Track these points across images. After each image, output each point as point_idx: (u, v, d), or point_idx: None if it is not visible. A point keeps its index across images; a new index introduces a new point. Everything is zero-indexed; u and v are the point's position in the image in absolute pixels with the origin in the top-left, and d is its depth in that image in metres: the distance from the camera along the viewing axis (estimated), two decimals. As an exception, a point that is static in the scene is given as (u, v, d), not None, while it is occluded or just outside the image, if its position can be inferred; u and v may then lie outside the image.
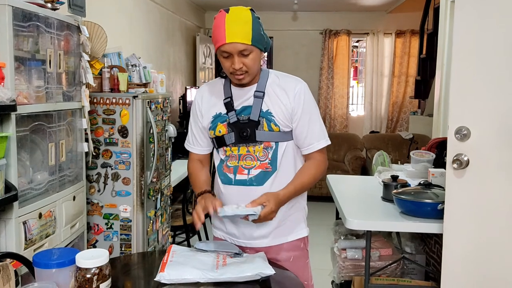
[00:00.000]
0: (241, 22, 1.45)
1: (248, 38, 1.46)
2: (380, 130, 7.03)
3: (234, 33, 1.44)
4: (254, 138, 1.56)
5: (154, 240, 2.94)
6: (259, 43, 1.49)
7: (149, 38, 4.51)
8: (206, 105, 1.66)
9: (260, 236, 1.59)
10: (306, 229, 1.69)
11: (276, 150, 1.58)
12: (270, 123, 1.55)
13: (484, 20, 1.78)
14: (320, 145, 1.61)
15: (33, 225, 1.87)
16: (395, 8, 6.30)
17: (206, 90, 1.68)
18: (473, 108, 1.82)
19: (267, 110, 1.56)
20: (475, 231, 1.85)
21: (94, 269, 1.10)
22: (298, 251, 1.65)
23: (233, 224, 1.62)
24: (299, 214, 1.67)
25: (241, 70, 1.50)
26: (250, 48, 1.47)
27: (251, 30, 1.46)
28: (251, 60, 1.49)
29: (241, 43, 1.45)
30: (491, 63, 1.79)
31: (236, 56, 1.47)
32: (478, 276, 1.86)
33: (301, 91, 1.57)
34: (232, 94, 1.60)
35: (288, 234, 1.63)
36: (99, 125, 2.68)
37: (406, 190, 2.16)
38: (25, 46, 1.86)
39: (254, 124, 1.55)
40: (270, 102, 1.57)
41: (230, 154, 1.60)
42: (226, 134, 1.59)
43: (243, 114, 1.58)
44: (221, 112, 1.61)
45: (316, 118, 1.61)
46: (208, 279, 1.29)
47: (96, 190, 2.72)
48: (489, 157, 1.80)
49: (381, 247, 2.77)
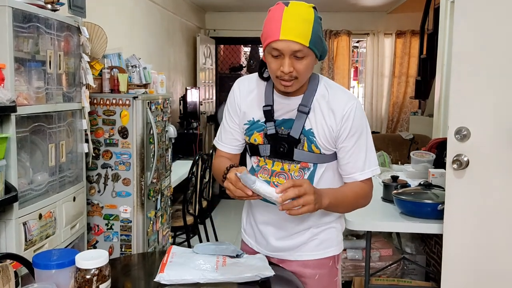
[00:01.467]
0: (300, 19, 1.25)
1: (307, 39, 1.25)
2: (381, 131, 7.02)
3: (291, 30, 1.23)
4: (291, 156, 1.39)
5: (155, 240, 2.94)
6: (316, 47, 1.28)
7: (149, 39, 4.51)
8: (244, 104, 1.46)
9: (287, 248, 1.48)
10: (337, 247, 1.51)
11: (313, 172, 1.41)
12: (311, 144, 1.38)
13: (484, 21, 1.78)
14: (363, 176, 1.40)
15: (33, 226, 1.87)
16: (395, 9, 6.29)
17: (246, 87, 1.48)
18: (473, 108, 1.82)
19: (310, 129, 1.37)
20: (475, 231, 1.85)
21: (94, 270, 1.10)
22: (326, 269, 1.49)
23: (261, 234, 1.51)
24: (331, 231, 1.49)
25: (290, 76, 1.29)
26: (306, 51, 1.26)
27: (311, 30, 1.25)
28: (304, 66, 1.28)
29: (297, 42, 1.24)
30: (491, 63, 1.79)
31: (288, 57, 1.27)
32: (478, 277, 1.86)
33: (351, 111, 1.36)
34: (273, 101, 1.41)
35: (316, 251, 1.48)
36: (99, 126, 2.68)
37: (406, 191, 2.17)
38: (25, 47, 1.86)
39: (294, 141, 1.38)
40: (314, 120, 1.37)
41: (263, 166, 1.45)
42: (262, 144, 1.43)
43: (283, 127, 1.40)
44: (259, 119, 1.43)
45: (363, 144, 1.39)
46: (208, 279, 1.29)
47: (96, 191, 2.72)
48: (489, 158, 1.80)
49: (381, 248, 2.77)
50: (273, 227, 1.49)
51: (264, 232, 1.51)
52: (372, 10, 6.61)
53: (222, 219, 5.12)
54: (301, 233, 1.47)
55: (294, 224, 1.46)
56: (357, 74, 7.94)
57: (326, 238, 1.48)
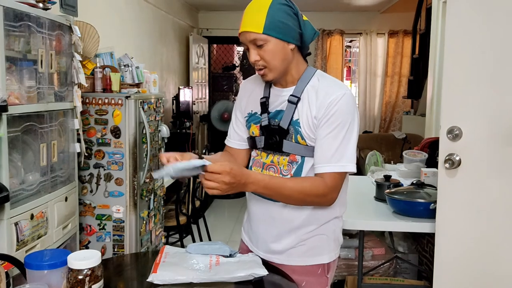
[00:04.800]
0: (254, 9, 1.31)
1: (260, 26, 1.28)
2: (373, 130, 7.05)
3: (245, 22, 1.31)
4: (281, 148, 1.39)
5: (147, 240, 2.93)
6: (276, 31, 1.29)
7: (142, 38, 4.49)
8: (246, 99, 1.51)
9: (276, 251, 1.45)
10: (328, 256, 1.44)
11: (301, 166, 1.38)
12: (297, 135, 1.37)
13: (476, 20, 1.79)
14: (324, 169, 1.32)
15: (25, 226, 1.86)
16: (388, 8, 6.32)
17: (251, 82, 1.53)
18: (465, 108, 1.83)
19: (297, 120, 1.37)
20: (467, 230, 1.86)
21: (86, 270, 1.10)
22: (313, 277, 1.44)
23: (254, 233, 1.51)
24: (322, 238, 1.43)
25: (258, 64, 1.34)
26: (262, 37, 1.29)
27: (265, 17, 1.28)
28: (267, 52, 1.31)
29: (250, 31, 1.30)
30: (483, 63, 1.80)
31: (251, 48, 1.33)
32: (470, 275, 1.87)
33: (336, 100, 1.31)
34: (270, 94, 1.44)
35: (304, 257, 1.43)
36: (91, 125, 2.67)
37: (398, 190, 2.17)
38: (16, 46, 1.84)
39: (283, 132, 1.38)
40: (302, 110, 1.36)
41: (258, 160, 1.47)
42: (258, 136, 1.45)
43: (276, 118, 1.41)
44: (256, 112, 1.46)
45: (341, 136, 1.32)
46: (201, 279, 1.28)
47: (89, 190, 2.70)
48: (481, 157, 1.81)
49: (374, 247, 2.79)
50: (264, 223, 1.47)
51: (257, 231, 1.50)
52: (365, 10, 6.63)
53: (215, 219, 5.12)
54: (289, 235, 1.43)
55: (282, 221, 1.43)
56: (350, 73, 7.97)
57: (315, 245, 1.43)
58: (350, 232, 2.87)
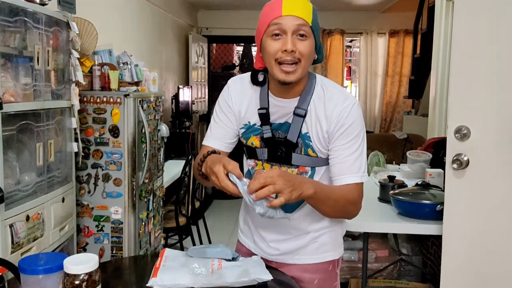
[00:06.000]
0: (301, 0, 1.23)
1: (309, 18, 1.21)
2: (374, 130, 7.02)
3: (294, 6, 1.20)
4: (289, 161, 1.35)
5: (146, 242, 2.89)
6: (317, 32, 1.24)
7: (141, 36, 4.45)
8: (240, 106, 1.40)
9: (286, 251, 1.44)
10: (337, 252, 1.45)
11: (311, 176, 1.36)
12: (307, 148, 1.33)
13: (484, 18, 1.76)
14: (353, 179, 1.31)
15: (20, 228, 1.81)
16: (388, 8, 6.29)
17: (239, 88, 1.41)
18: (473, 107, 1.79)
19: (306, 133, 1.33)
20: (476, 232, 1.82)
21: (83, 275, 1.05)
22: (325, 273, 1.44)
23: (260, 237, 1.47)
24: (332, 235, 1.43)
25: (293, 57, 1.21)
26: (309, 30, 1.21)
27: (311, 12, 1.22)
28: (307, 47, 1.22)
29: (301, 17, 1.20)
30: (491, 62, 1.77)
31: (291, 35, 1.20)
32: (478, 279, 1.83)
33: (345, 111, 1.29)
34: (269, 104, 1.35)
35: (315, 255, 1.43)
36: (89, 124, 2.62)
37: (403, 191, 2.13)
38: (11, 42, 1.80)
39: (291, 145, 1.33)
40: (310, 123, 1.32)
41: (260, 170, 1.40)
42: (259, 148, 1.38)
43: (280, 130, 1.35)
44: (255, 123, 1.38)
45: (356, 147, 1.31)
46: (203, 284, 1.24)
47: (86, 191, 2.66)
48: (489, 157, 1.77)
49: (377, 249, 2.74)
50: (272, 230, 1.44)
51: (263, 235, 1.47)
52: (366, 9, 6.60)
53: (215, 220, 5.08)
54: (301, 237, 1.42)
55: (292, 227, 1.42)
56: (350, 73, 7.93)
57: (326, 241, 1.43)
58: (353, 234, 2.83)
